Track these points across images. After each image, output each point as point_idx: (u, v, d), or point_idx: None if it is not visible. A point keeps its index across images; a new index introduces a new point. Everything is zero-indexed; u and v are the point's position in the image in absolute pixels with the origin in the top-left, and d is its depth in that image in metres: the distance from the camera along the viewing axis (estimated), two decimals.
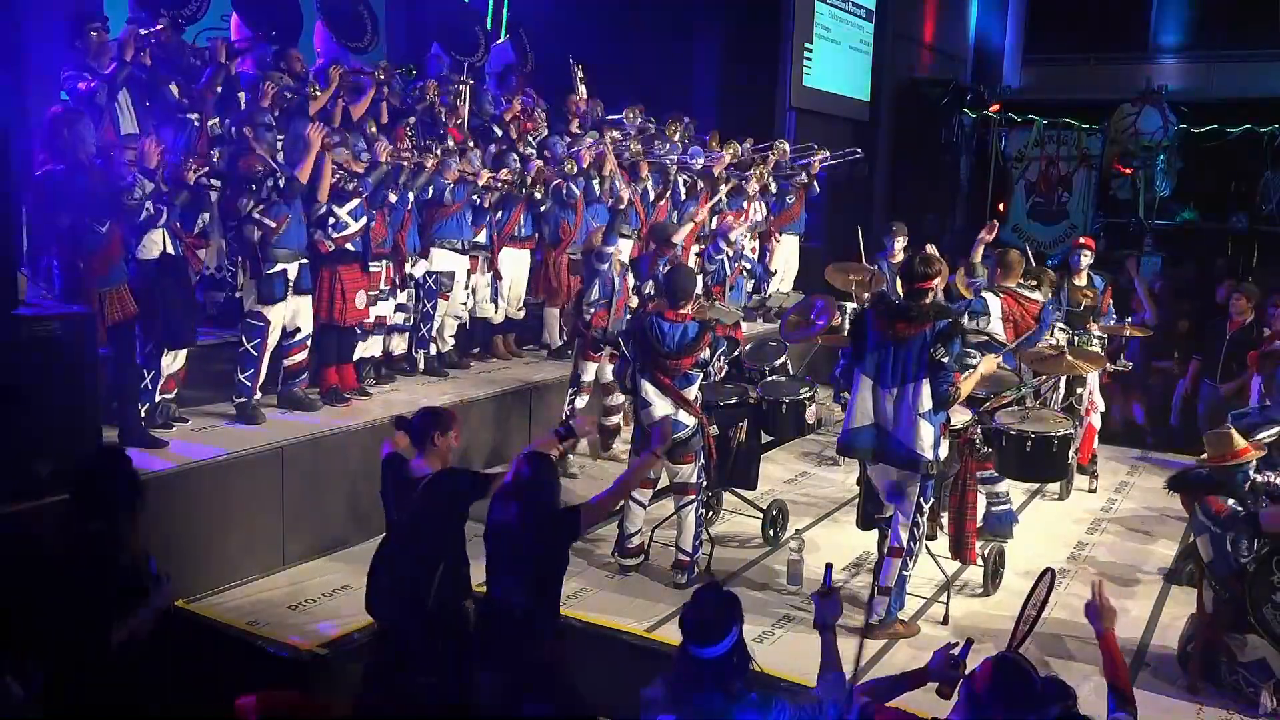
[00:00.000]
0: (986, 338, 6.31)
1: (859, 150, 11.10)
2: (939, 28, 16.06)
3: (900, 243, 9.25)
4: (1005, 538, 6.33)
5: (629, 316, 6.96)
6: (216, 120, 6.91)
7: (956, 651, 3.28)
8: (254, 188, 6.07)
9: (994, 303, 6.51)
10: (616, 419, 7.53)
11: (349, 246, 6.61)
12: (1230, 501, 4.89)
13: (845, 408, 5.51)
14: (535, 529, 3.99)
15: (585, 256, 7.38)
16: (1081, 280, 7.78)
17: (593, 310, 7.04)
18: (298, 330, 6.45)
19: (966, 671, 3.17)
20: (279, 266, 6.17)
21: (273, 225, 6.10)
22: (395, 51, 9.93)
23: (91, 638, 3.42)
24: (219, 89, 6.95)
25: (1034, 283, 6.86)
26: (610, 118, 10.02)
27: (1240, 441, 5.07)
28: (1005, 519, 6.50)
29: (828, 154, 10.52)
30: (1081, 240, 7.98)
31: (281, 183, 6.06)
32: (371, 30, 8.49)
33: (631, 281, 7.66)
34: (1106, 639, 3.52)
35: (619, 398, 7.39)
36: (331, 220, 6.49)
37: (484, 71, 9.86)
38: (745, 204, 9.92)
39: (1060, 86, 16.43)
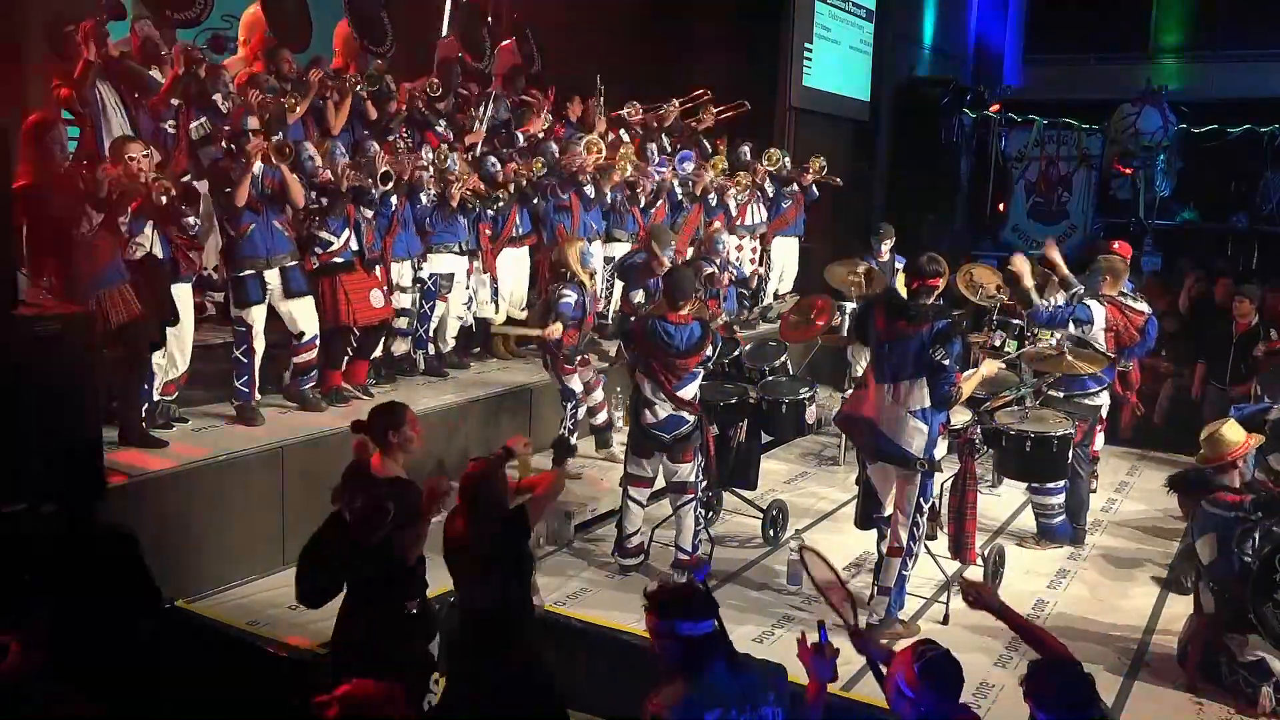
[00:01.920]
0: (1089, 345, 6.29)
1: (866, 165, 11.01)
2: (939, 28, 16.04)
3: (887, 244, 9.26)
4: (1061, 544, 6.43)
5: (592, 330, 6.88)
6: (200, 123, 6.83)
7: (817, 638, 3.30)
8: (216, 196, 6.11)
9: (1099, 311, 6.36)
10: (603, 415, 7.48)
11: (337, 259, 6.60)
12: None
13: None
14: (486, 533, 3.98)
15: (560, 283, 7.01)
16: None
17: (564, 330, 6.92)
18: (302, 334, 6.45)
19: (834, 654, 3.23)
20: (248, 270, 6.17)
21: (233, 234, 6.12)
22: (399, 57, 9.89)
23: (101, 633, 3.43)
24: (176, 101, 6.75)
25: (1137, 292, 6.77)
26: (614, 114, 10.02)
27: (1237, 438, 5.05)
28: (1061, 531, 6.53)
29: (824, 163, 10.48)
30: (1116, 246, 7.89)
31: (223, 200, 6.05)
32: (391, 36, 8.45)
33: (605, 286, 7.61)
34: (1008, 616, 3.55)
35: (598, 395, 7.32)
36: (315, 243, 6.53)
37: (489, 74, 9.82)
38: (739, 208, 9.86)
39: (1060, 86, 16.42)
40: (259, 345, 6.28)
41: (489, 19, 10.43)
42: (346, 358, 6.84)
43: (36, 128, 5.36)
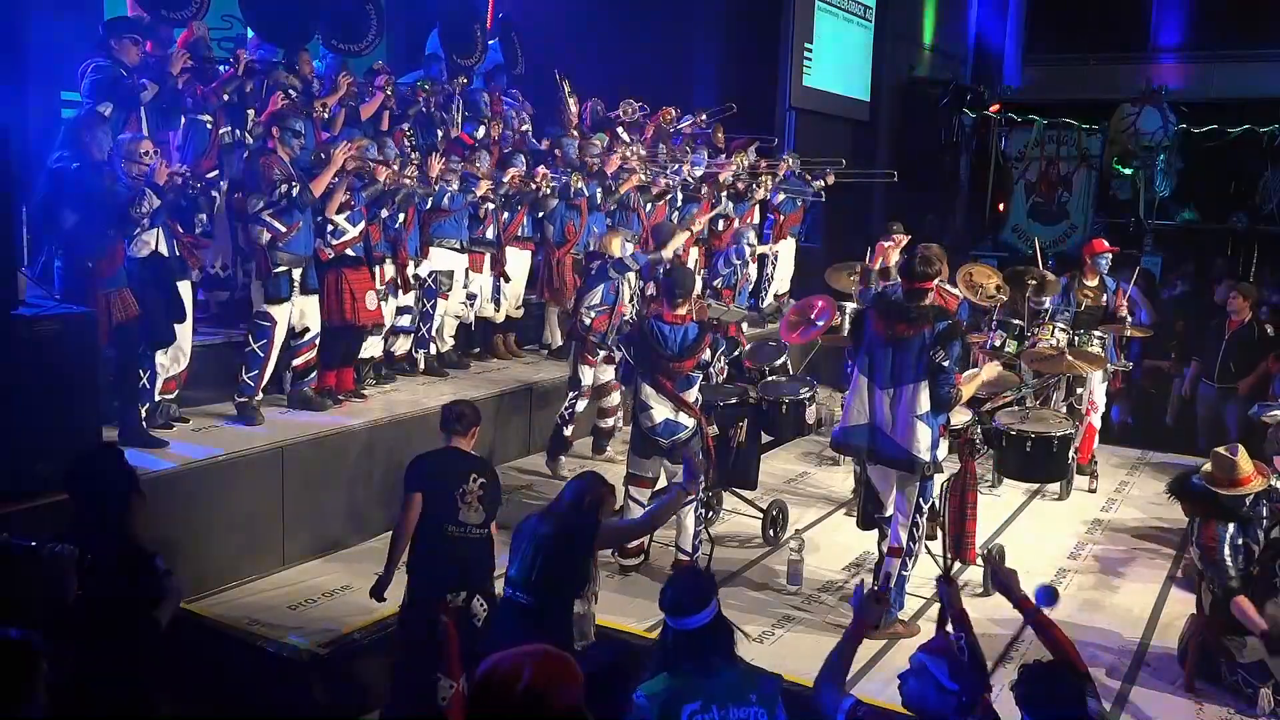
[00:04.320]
0: None
1: (894, 174, 11.11)
2: (939, 28, 16.06)
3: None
4: None
5: (626, 319, 6.96)
6: (228, 129, 6.88)
7: (877, 586, 3.33)
8: (268, 191, 6.06)
9: None
10: (611, 421, 7.51)
11: (349, 252, 6.61)
12: (1228, 530, 4.80)
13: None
14: (556, 526, 4.09)
15: (599, 260, 7.30)
16: (1093, 280, 7.75)
17: (594, 314, 7.02)
18: (306, 330, 6.45)
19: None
20: (284, 267, 6.18)
21: (283, 230, 6.09)
22: (394, 51, 9.90)
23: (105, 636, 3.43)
24: (226, 96, 6.88)
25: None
26: (610, 114, 10.03)
27: (1246, 469, 4.95)
28: None
29: (841, 162, 10.51)
30: (1107, 244, 7.89)
31: (295, 192, 6.06)
32: (376, 31, 8.41)
33: (635, 285, 7.66)
34: (1026, 609, 3.48)
35: (614, 399, 7.37)
36: (330, 227, 6.49)
37: (476, 72, 9.83)
38: (749, 210, 9.92)
39: (1060, 86, 16.43)
40: (279, 340, 6.27)
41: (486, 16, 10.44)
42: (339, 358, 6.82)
43: (82, 119, 5.45)
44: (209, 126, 6.73)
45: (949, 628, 3.29)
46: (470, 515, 4.42)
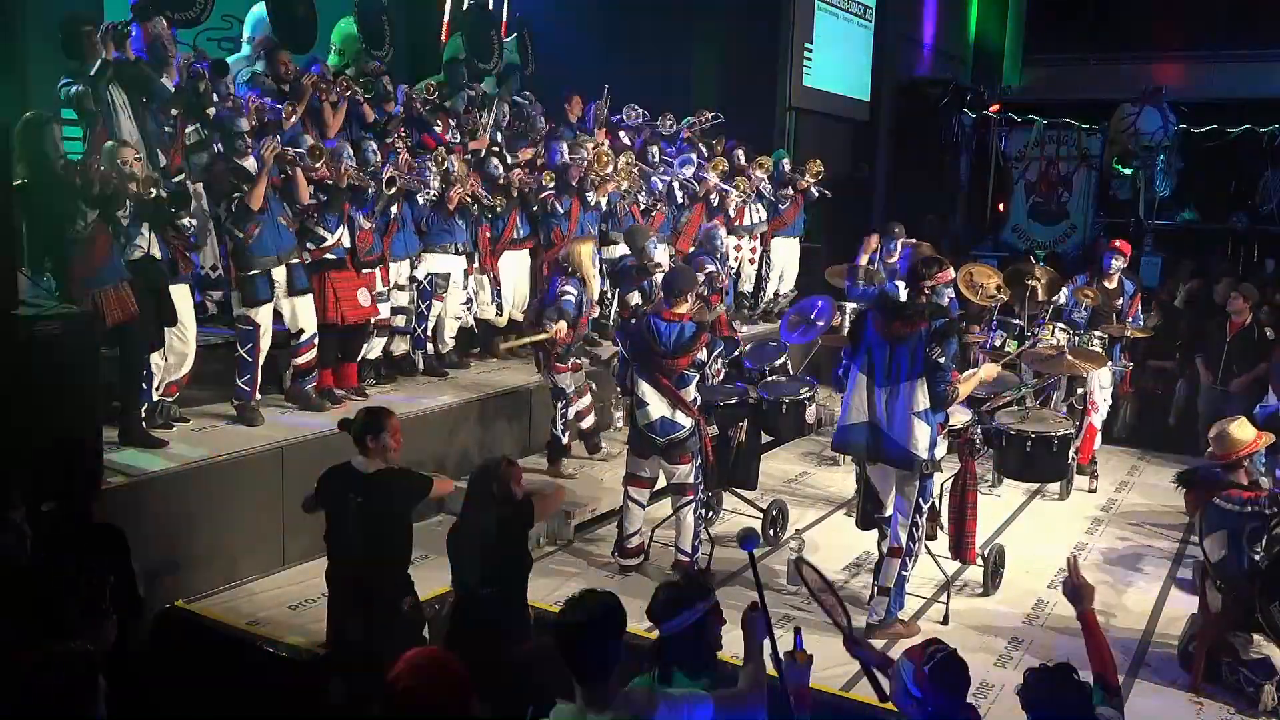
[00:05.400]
0: None
1: (867, 166, 11.02)
2: (939, 28, 16.05)
3: (899, 244, 9.26)
4: None
5: (587, 334, 6.87)
6: (196, 127, 6.85)
7: (793, 648, 3.26)
8: (217, 199, 6.12)
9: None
10: (589, 420, 7.42)
11: (330, 255, 6.62)
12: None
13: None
14: (492, 519, 4.09)
15: (558, 275, 7.01)
16: (1112, 283, 7.73)
17: (554, 326, 6.89)
18: (301, 331, 6.46)
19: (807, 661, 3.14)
20: (258, 269, 6.18)
21: (241, 236, 6.12)
22: (399, 58, 9.89)
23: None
24: (174, 112, 6.84)
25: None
26: (614, 118, 10.03)
27: (1246, 436, 5.05)
28: None
29: (820, 167, 10.43)
30: (1117, 244, 7.91)
31: (234, 206, 6.07)
32: (390, 40, 8.41)
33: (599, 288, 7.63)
34: (1087, 620, 3.44)
35: (585, 400, 7.29)
36: (309, 238, 6.54)
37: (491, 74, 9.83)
38: (738, 209, 9.86)
39: (1060, 86, 16.44)
40: (265, 344, 6.28)
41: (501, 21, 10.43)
42: (336, 357, 6.82)
43: (29, 124, 5.36)
44: (170, 130, 6.72)
45: (881, 679, 3.24)
46: (351, 535, 4.30)
